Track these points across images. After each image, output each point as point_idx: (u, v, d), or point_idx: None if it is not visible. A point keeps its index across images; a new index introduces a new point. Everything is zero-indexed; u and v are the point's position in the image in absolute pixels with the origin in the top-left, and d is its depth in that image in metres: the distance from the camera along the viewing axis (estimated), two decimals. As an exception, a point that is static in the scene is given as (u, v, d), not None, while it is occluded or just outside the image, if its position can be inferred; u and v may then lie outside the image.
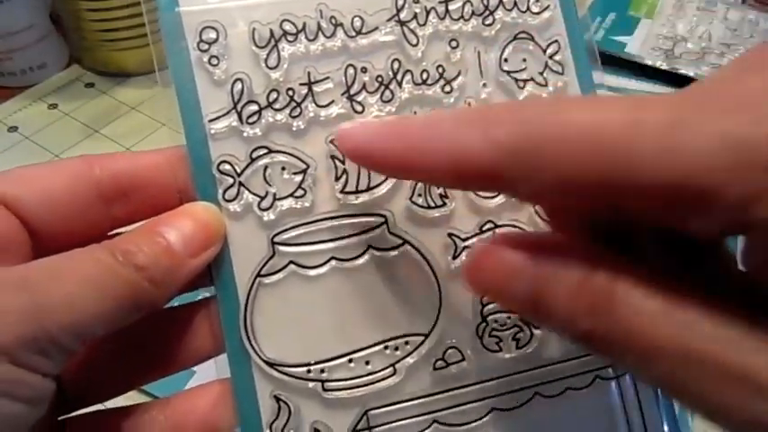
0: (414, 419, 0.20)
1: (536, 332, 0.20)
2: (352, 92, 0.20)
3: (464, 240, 0.20)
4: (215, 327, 0.19)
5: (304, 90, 0.20)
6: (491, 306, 0.20)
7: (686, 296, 0.13)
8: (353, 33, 0.20)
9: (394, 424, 0.19)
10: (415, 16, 0.21)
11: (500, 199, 0.21)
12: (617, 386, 0.21)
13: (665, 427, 0.21)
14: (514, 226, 0.21)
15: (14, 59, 0.50)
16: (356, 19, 0.20)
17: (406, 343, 0.20)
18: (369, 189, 0.20)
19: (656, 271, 0.13)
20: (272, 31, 0.20)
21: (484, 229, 0.21)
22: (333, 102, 0.20)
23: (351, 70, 0.20)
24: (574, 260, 0.14)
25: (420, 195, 0.20)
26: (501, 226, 0.21)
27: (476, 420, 0.20)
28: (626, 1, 0.59)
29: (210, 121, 0.19)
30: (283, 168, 0.20)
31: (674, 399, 0.13)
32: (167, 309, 0.20)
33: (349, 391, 0.19)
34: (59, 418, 0.19)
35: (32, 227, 0.18)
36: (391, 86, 0.20)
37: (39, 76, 0.51)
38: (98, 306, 0.16)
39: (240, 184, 0.19)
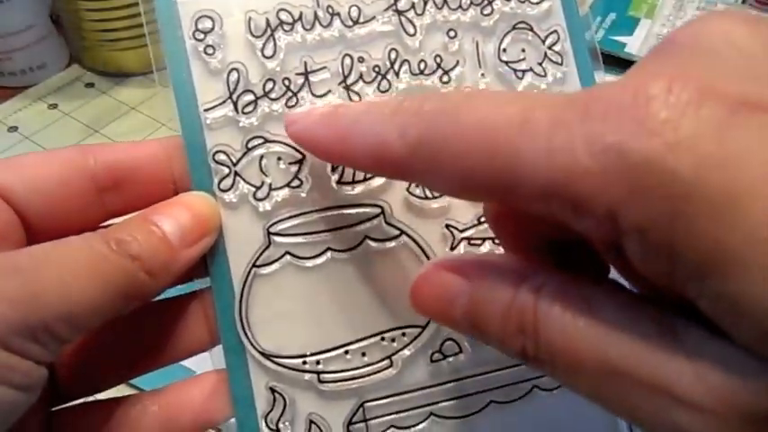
0: (410, 412, 0.19)
1: (535, 324, 0.20)
2: (348, 81, 0.20)
3: (462, 232, 0.20)
4: (210, 318, 0.19)
5: (300, 80, 0.20)
6: (489, 298, 0.20)
7: (605, 308, 0.13)
8: (350, 23, 0.20)
9: (390, 416, 0.19)
10: (413, 6, 0.20)
11: (498, 190, 0.21)
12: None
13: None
14: (513, 217, 0.21)
15: (14, 59, 0.50)
16: (353, 8, 0.20)
17: (403, 335, 0.19)
18: (365, 180, 0.20)
19: (581, 283, 0.13)
20: (268, 21, 0.20)
21: (482, 220, 0.20)
22: (329, 91, 0.20)
23: (347, 60, 0.20)
24: (504, 279, 0.14)
25: (417, 186, 0.20)
26: (499, 217, 0.20)
27: (474, 413, 0.20)
28: (626, 1, 0.59)
29: (206, 110, 0.19)
30: (279, 158, 0.20)
31: (606, 410, 0.13)
32: (161, 300, 0.20)
33: (345, 383, 0.19)
34: (52, 409, 0.19)
35: (25, 215, 0.18)
36: (388, 76, 0.20)
37: (39, 76, 0.51)
38: (92, 294, 0.16)
39: (236, 173, 0.19)
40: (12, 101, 0.50)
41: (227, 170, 0.19)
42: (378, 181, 0.20)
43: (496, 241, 0.20)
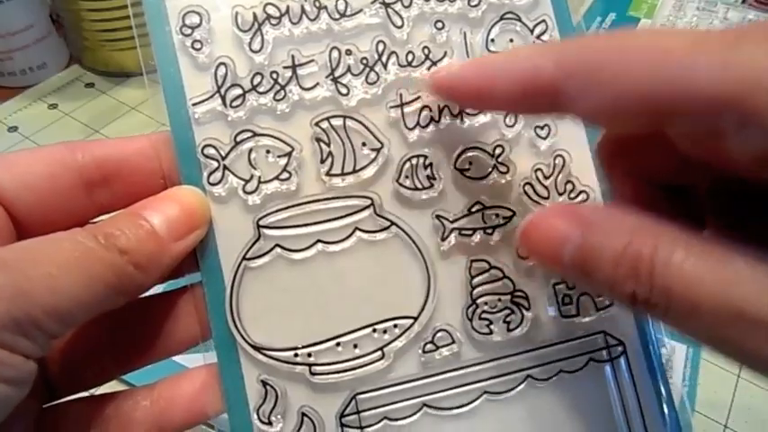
0: (403, 403, 0.19)
1: (527, 314, 0.20)
2: (336, 74, 0.20)
3: (452, 222, 0.20)
4: (201, 313, 0.19)
5: (288, 73, 0.20)
6: (481, 288, 0.20)
7: (727, 253, 0.13)
8: (337, 16, 0.20)
9: (383, 408, 0.19)
10: (400, -3, 0.20)
11: (489, 180, 0.21)
12: (611, 369, 0.20)
13: (665, 409, 0.20)
14: (503, 207, 0.20)
15: (14, 59, 0.50)
16: (340, 2, 0.20)
17: (395, 326, 0.19)
18: (355, 171, 0.20)
19: (694, 231, 0.14)
20: (255, 15, 0.20)
21: (472, 210, 0.20)
22: (317, 84, 0.20)
23: (335, 53, 0.20)
24: (617, 228, 0.15)
25: (407, 177, 0.20)
26: (489, 207, 0.20)
27: (467, 404, 0.20)
28: (626, 1, 0.59)
29: (194, 104, 0.19)
30: (268, 152, 0.20)
31: (715, 351, 0.14)
32: (152, 295, 0.20)
33: (337, 375, 0.19)
34: (44, 406, 0.19)
35: (14, 211, 0.18)
36: (376, 68, 0.20)
37: (39, 76, 0.52)
38: (80, 289, 0.16)
39: (224, 167, 0.19)
40: (12, 101, 0.50)
41: (215, 164, 0.19)
42: (367, 173, 0.20)
43: (487, 230, 0.20)
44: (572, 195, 0.21)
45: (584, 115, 0.16)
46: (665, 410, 0.20)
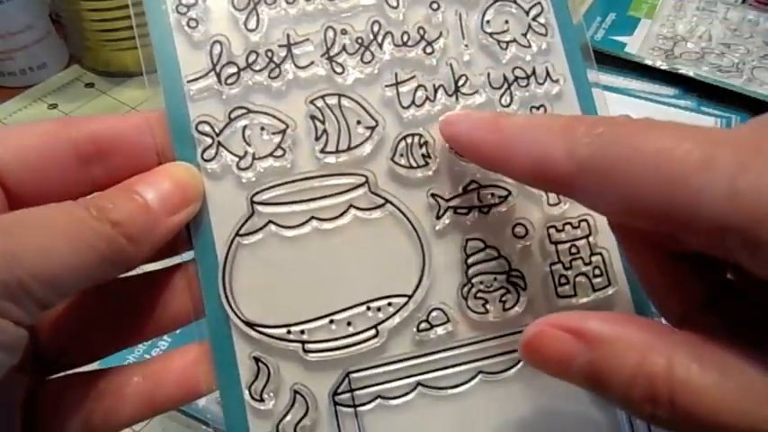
0: (397, 383, 0.19)
1: (523, 294, 0.20)
2: (331, 53, 0.20)
3: (447, 201, 0.20)
4: (194, 290, 0.19)
5: (283, 52, 0.20)
6: (476, 267, 0.20)
7: (745, 372, 0.13)
8: (333, -5, 0.20)
9: (377, 387, 0.19)
10: (395, -22, 0.20)
11: (484, 159, 0.20)
12: (609, 350, 0.20)
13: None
14: (498, 186, 0.20)
15: (14, 59, 0.50)
16: (336, -19, 0.20)
17: (389, 304, 0.19)
18: (349, 149, 0.20)
19: (711, 345, 0.14)
20: (251, -6, 0.20)
21: (468, 189, 0.20)
22: (312, 63, 0.20)
23: (330, 32, 0.20)
24: (627, 346, 0.14)
25: (402, 155, 0.20)
26: (485, 186, 0.20)
27: (462, 384, 0.19)
28: (626, 1, 0.59)
29: (189, 81, 0.19)
30: (263, 129, 0.20)
31: None
32: (146, 272, 0.20)
33: (330, 353, 0.19)
34: (34, 382, 0.18)
35: (7, 185, 0.18)
36: (372, 48, 0.20)
37: (39, 76, 0.52)
38: (71, 257, 0.16)
39: (219, 144, 0.19)
40: (12, 101, 0.50)
41: (210, 140, 0.19)
42: (362, 150, 0.20)
43: (483, 209, 0.20)
44: (568, 175, 0.21)
45: (594, 209, 0.16)
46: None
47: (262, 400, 0.18)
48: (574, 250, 0.20)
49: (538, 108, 0.21)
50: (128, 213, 0.17)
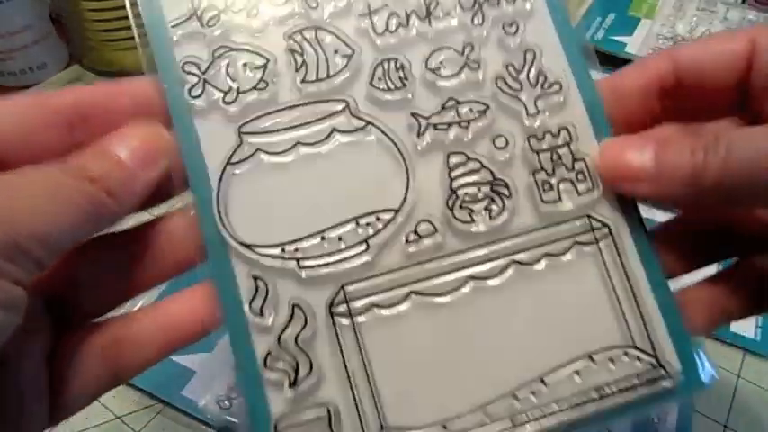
0: (390, 292, 0.20)
1: (508, 202, 0.20)
2: (305, -11, 0.21)
3: (427, 119, 0.21)
4: (195, 233, 0.20)
5: (260, -8, 0.21)
6: (460, 180, 0.21)
7: None
8: (302, -65, 0.21)
9: (371, 298, 0.20)
10: None
11: (461, 77, 0.21)
12: (597, 251, 0.21)
13: (650, 288, 0.20)
14: (476, 101, 0.21)
15: (14, 59, 0.50)
16: None
17: (377, 219, 0.20)
18: (329, 77, 0.21)
19: None
20: (224, -60, 0.21)
21: (446, 106, 0.21)
22: (288, 1, 0.21)
23: (303, -30, 0.21)
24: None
25: (380, 80, 0.21)
26: (463, 102, 0.21)
27: (454, 290, 0.20)
28: (626, 1, 0.59)
29: (173, 26, 0.21)
30: (245, 64, 0.21)
31: None
32: (148, 221, 0.21)
33: (324, 269, 0.20)
34: (52, 340, 0.19)
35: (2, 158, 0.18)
36: (344, -20, 0.21)
37: (39, 76, 0.52)
38: (57, 216, 0.16)
39: (204, 81, 0.20)
40: None
41: (196, 79, 0.20)
42: (341, 78, 0.21)
43: (462, 124, 0.21)
44: (545, 86, 0.21)
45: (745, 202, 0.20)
46: (655, 290, 0.20)
47: (262, 315, 0.19)
48: (555, 157, 0.21)
49: (510, 25, 0.22)
50: (104, 170, 0.18)
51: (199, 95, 0.20)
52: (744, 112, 0.21)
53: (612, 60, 0.51)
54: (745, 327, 0.36)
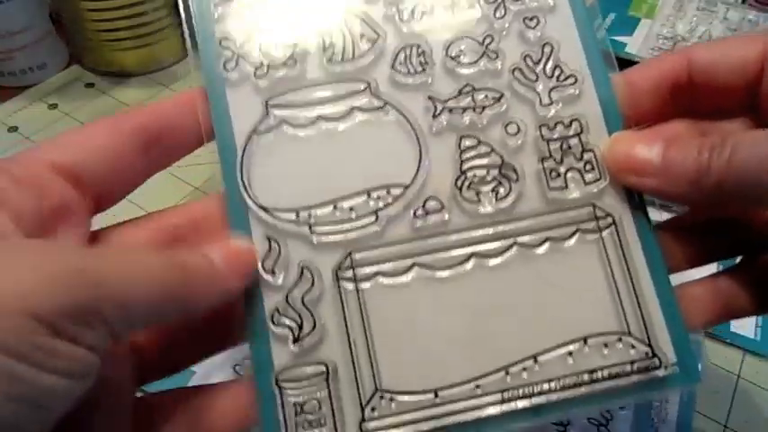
0: (395, 263, 0.21)
1: (515, 186, 0.21)
2: (338, -24, 0.22)
3: (444, 102, 0.22)
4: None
5: (296, -23, 0.22)
6: (470, 162, 0.21)
7: None
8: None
9: (376, 266, 0.21)
10: None
11: (479, 65, 0.22)
12: (600, 240, 0.21)
13: (650, 279, 0.21)
14: (492, 89, 0.22)
15: (14, 59, 0.50)
16: None
17: (388, 192, 0.21)
18: (353, 59, 0.22)
19: None
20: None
21: (463, 91, 0.22)
22: (321, -14, 0.23)
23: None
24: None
25: (401, 63, 0.22)
26: (479, 89, 0.22)
27: (456, 265, 0.21)
28: (626, 1, 0.58)
29: (216, 5, 0.22)
30: (276, 44, 0.22)
31: None
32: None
33: (334, 236, 0.21)
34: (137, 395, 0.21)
35: (92, 188, 0.19)
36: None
37: (39, 76, 0.52)
38: (143, 285, 0.16)
39: (238, 56, 0.22)
40: (12, 101, 0.50)
41: (230, 53, 0.22)
42: (365, 60, 0.22)
43: (476, 110, 0.22)
44: (560, 79, 0.22)
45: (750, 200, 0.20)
46: (656, 282, 0.21)
47: (273, 273, 0.20)
48: (565, 147, 0.22)
49: (531, 19, 0.23)
50: (197, 264, 0.18)
51: (233, 69, 0.22)
52: (754, 114, 0.21)
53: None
54: (745, 327, 0.36)
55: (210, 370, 0.34)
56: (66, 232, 0.19)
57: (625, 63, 0.23)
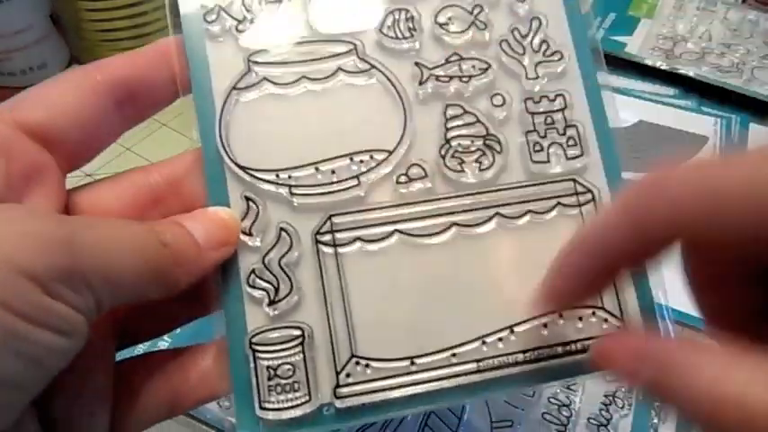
0: (376, 229, 0.20)
1: (498, 157, 0.21)
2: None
3: (431, 70, 0.22)
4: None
5: (284, -69, 0.22)
6: (455, 131, 0.21)
7: None
8: None
9: (356, 231, 0.20)
10: None
11: (467, 34, 0.22)
12: (579, 215, 0.21)
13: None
14: (479, 59, 0.22)
15: (14, 59, 0.50)
16: None
17: (371, 157, 0.21)
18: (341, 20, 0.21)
19: None
20: None
21: (450, 60, 0.22)
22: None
23: None
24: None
25: (390, 28, 0.22)
26: (466, 59, 0.22)
27: (438, 233, 0.21)
28: (626, 1, 0.59)
29: (197, -46, 0.21)
30: (260, 2, 0.21)
31: None
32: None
33: (314, 198, 0.20)
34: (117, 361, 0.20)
35: (63, 147, 0.19)
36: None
37: (39, 76, 0.50)
38: (125, 262, 0.16)
39: (220, 8, 0.21)
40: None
41: (212, 5, 0.21)
42: (353, 21, 0.21)
43: (463, 79, 0.22)
44: (547, 54, 0.22)
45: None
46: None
47: (250, 235, 0.20)
48: (549, 121, 0.22)
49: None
50: (177, 239, 0.18)
51: (214, 21, 0.21)
52: None
53: (613, 60, 0.51)
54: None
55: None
56: (39, 195, 0.18)
57: (625, 63, 0.22)
